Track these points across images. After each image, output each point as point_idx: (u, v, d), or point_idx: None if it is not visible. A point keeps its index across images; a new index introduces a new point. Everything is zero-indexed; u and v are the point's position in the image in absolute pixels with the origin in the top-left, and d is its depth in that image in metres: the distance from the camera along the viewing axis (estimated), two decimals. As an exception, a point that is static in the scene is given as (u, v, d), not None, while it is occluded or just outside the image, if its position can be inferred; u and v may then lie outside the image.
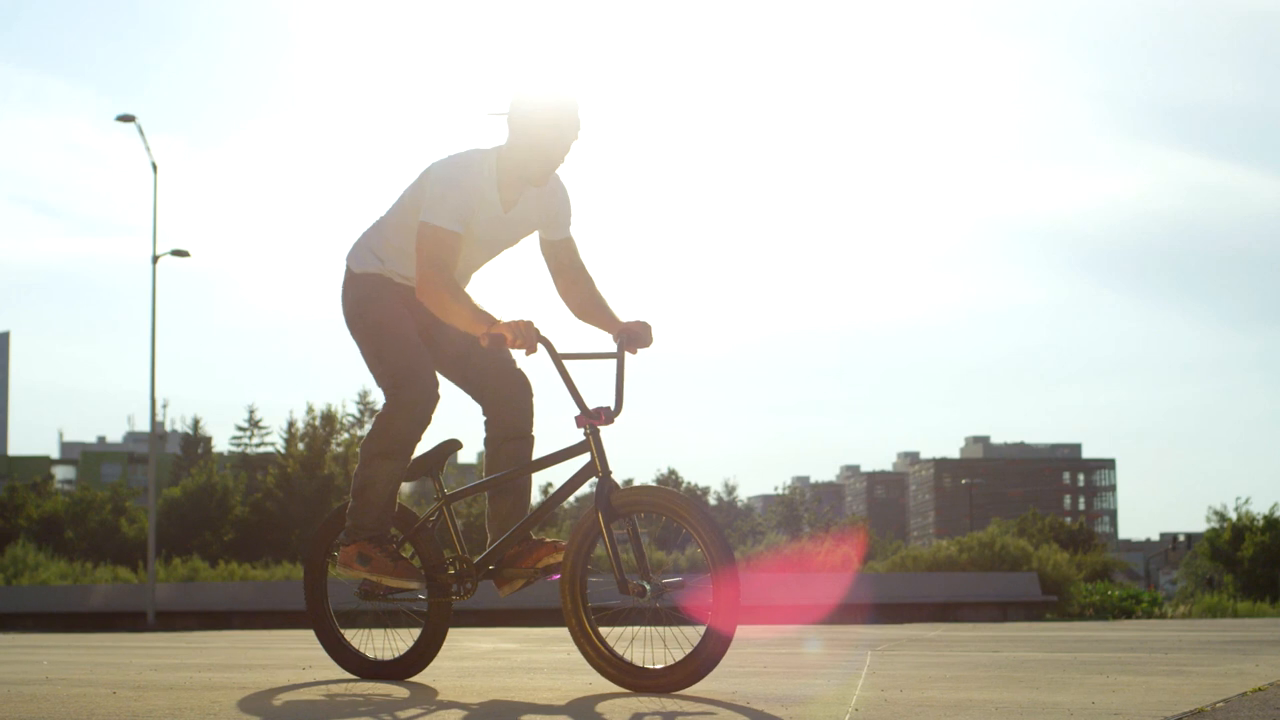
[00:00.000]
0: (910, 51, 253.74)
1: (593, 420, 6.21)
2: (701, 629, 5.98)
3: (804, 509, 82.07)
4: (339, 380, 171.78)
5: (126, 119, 41.12)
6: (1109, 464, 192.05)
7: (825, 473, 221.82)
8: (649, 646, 6.24)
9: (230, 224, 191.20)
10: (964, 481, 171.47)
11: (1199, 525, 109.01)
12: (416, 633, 6.89)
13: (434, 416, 6.50)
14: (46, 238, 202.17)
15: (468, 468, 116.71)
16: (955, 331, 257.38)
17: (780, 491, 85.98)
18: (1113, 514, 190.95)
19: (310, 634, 14.48)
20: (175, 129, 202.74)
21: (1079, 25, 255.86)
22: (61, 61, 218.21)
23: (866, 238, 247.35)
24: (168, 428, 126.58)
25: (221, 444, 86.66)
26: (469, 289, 6.64)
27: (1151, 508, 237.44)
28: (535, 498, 7.04)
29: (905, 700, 5.86)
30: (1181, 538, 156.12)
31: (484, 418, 6.69)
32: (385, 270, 6.56)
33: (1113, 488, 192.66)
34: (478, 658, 9.75)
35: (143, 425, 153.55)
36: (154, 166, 42.29)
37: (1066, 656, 9.62)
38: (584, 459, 6.30)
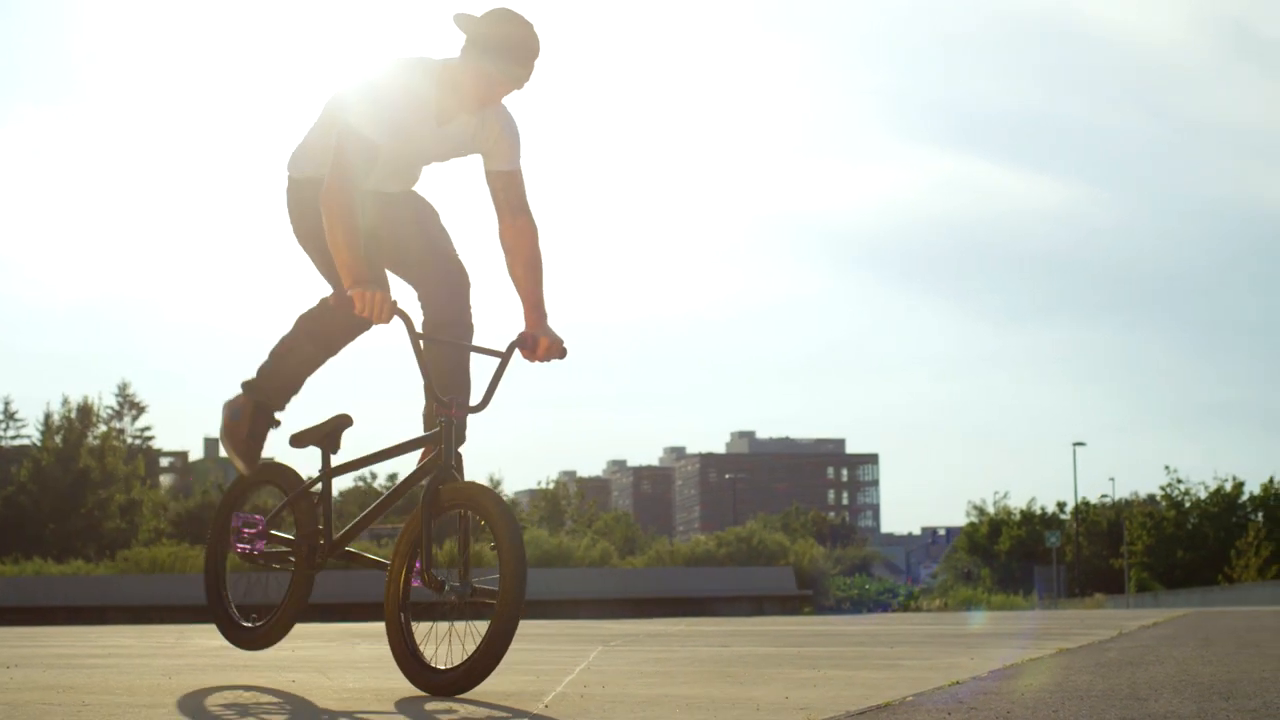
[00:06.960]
0: (689, 45, 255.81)
1: (443, 410, 5.94)
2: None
3: (567, 504, 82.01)
4: (98, 372, 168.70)
5: None
6: (872, 459, 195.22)
7: (592, 467, 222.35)
8: (450, 644, 5.96)
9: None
10: (727, 476, 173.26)
11: (960, 519, 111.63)
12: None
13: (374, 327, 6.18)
14: None
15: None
16: (726, 326, 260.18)
17: (546, 486, 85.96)
18: (876, 508, 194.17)
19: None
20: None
21: (856, 23, 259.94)
22: None
23: (644, 232, 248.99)
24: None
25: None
26: (400, 190, 6.41)
27: (915, 502, 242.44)
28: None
29: (603, 695, 5.83)
30: (942, 532, 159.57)
31: (419, 304, 6.36)
32: (320, 172, 6.20)
33: (876, 482, 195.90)
34: (198, 655, 9.57)
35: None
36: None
37: (791, 651, 9.70)
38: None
